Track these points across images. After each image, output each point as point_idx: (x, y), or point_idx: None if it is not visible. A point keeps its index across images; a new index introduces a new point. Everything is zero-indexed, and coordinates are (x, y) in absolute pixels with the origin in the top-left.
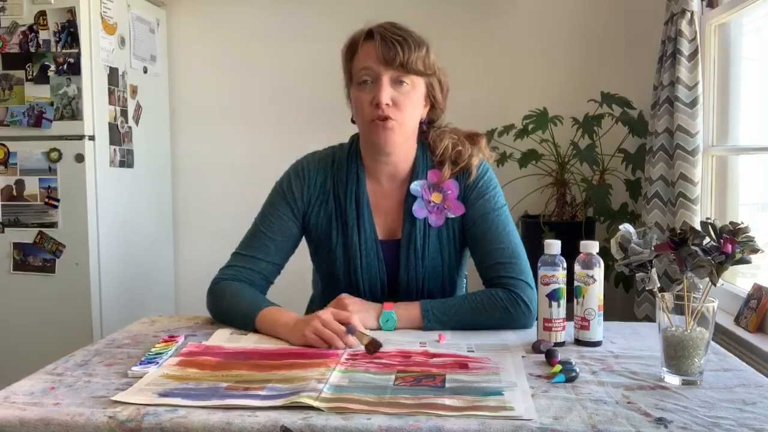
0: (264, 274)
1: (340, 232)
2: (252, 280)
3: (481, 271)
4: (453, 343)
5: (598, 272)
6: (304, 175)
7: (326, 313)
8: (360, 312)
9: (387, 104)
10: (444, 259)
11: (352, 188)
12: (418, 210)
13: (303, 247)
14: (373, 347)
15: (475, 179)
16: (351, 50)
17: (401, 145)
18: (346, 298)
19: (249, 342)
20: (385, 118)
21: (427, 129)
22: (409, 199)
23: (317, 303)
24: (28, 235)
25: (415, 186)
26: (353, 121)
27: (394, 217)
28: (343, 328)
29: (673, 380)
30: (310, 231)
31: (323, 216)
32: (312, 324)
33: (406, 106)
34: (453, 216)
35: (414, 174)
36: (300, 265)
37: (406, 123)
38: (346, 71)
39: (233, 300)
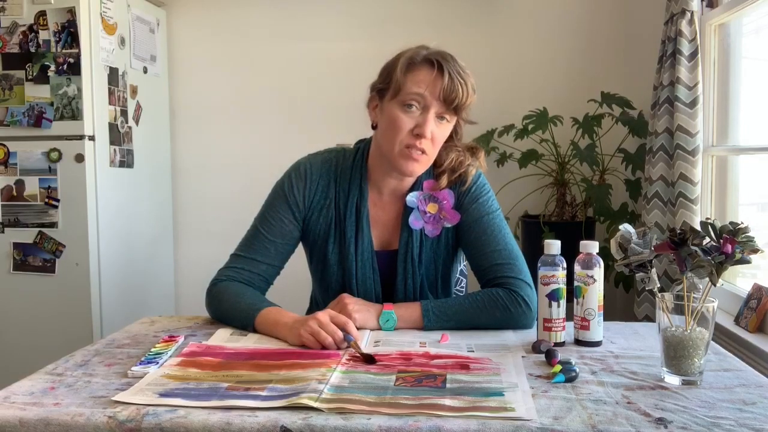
0: (263, 277)
1: (336, 241)
2: (251, 282)
3: (478, 273)
4: (453, 343)
5: (598, 272)
6: (306, 177)
7: (324, 315)
8: (360, 312)
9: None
10: (438, 267)
11: (354, 200)
12: (415, 221)
13: (303, 249)
14: (368, 359)
15: (468, 186)
16: (408, 66)
17: (422, 172)
18: (347, 298)
19: (249, 342)
20: (422, 151)
21: None
22: (407, 210)
23: (314, 304)
24: (28, 235)
25: (411, 198)
26: (374, 128)
27: (390, 228)
28: (339, 332)
29: (673, 380)
30: (308, 235)
31: (322, 222)
32: (308, 324)
33: (440, 140)
34: (449, 225)
35: (414, 186)
36: (300, 266)
37: (434, 154)
38: (393, 82)
39: (233, 300)
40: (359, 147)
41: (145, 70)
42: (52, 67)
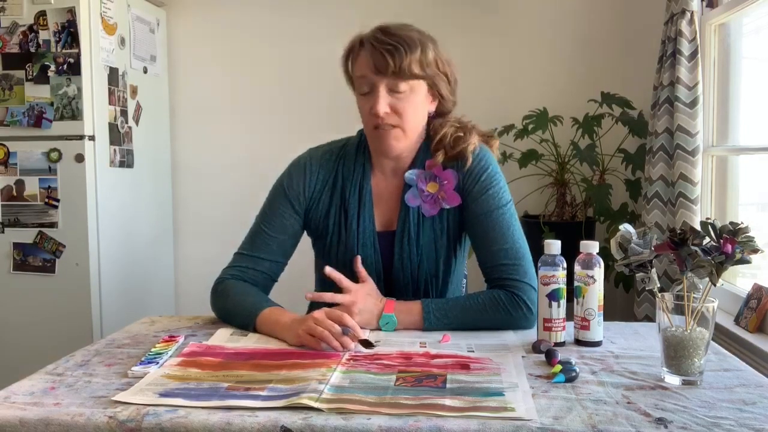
0: (268, 274)
1: (337, 221)
2: (256, 280)
3: (484, 270)
4: (453, 343)
5: (598, 272)
6: (305, 171)
7: (320, 313)
8: (362, 314)
9: (386, 113)
10: (438, 250)
11: (357, 179)
12: (411, 198)
13: (305, 247)
14: (366, 344)
15: (477, 170)
16: (348, 58)
17: (406, 146)
18: (357, 292)
19: (250, 342)
20: (386, 127)
21: (432, 120)
22: (407, 188)
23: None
24: (28, 235)
25: (410, 175)
26: None
27: (392, 208)
28: (337, 327)
29: (673, 380)
30: (311, 223)
31: (323, 208)
32: (306, 323)
33: (406, 110)
34: (448, 206)
35: (414, 164)
36: (302, 265)
37: (410, 126)
38: (347, 77)
39: (236, 300)
40: (361, 134)
41: (145, 70)
42: (52, 67)
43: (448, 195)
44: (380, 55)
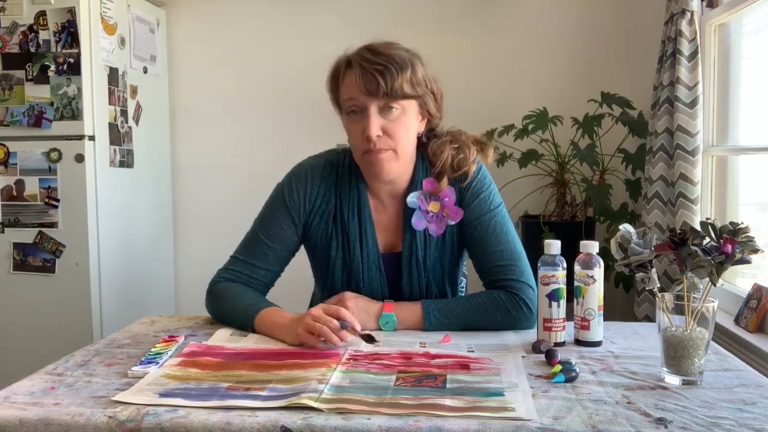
0: (263, 281)
1: (340, 245)
2: (250, 286)
3: (481, 273)
4: (453, 343)
5: (598, 272)
6: (306, 182)
7: (317, 309)
8: (359, 314)
9: (378, 135)
10: (444, 266)
11: (354, 201)
12: (417, 222)
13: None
14: (368, 339)
15: (469, 180)
16: (335, 79)
17: (400, 168)
18: (348, 300)
19: (249, 342)
20: (379, 150)
21: (427, 140)
22: (408, 211)
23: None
24: (28, 235)
25: (412, 198)
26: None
27: (393, 230)
28: (335, 322)
29: (673, 380)
30: (310, 240)
31: (323, 227)
32: (304, 321)
33: (398, 132)
34: (453, 223)
35: (412, 186)
36: (300, 267)
37: (402, 148)
38: (333, 99)
39: (232, 302)
40: (347, 153)
41: (145, 70)
42: (52, 67)
43: (451, 211)
44: (371, 76)
